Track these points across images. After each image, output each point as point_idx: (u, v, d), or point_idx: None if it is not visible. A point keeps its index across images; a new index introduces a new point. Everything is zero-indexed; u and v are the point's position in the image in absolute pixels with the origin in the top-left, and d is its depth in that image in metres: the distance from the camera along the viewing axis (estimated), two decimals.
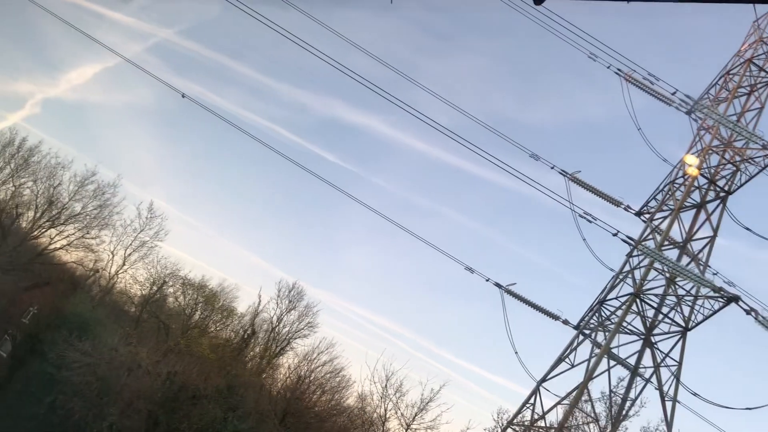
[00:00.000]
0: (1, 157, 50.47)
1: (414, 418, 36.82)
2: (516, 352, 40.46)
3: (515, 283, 41.99)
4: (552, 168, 42.53)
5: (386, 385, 37.65)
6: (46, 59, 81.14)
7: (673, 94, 42.22)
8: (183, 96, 39.58)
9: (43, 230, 50.91)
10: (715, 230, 40.42)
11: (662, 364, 38.32)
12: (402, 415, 37.12)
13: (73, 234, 51.19)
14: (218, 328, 54.85)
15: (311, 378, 43.14)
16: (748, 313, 34.75)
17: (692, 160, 41.46)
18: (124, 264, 52.80)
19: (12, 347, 42.74)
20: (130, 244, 53.02)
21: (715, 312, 37.30)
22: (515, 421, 38.68)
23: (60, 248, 51.55)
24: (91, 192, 51.61)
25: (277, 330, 54.35)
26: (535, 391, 39.20)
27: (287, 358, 53.39)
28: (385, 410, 37.63)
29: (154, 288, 52.35)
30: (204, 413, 35.44)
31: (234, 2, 30.42)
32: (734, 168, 40.69)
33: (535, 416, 38.41)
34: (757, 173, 39.00)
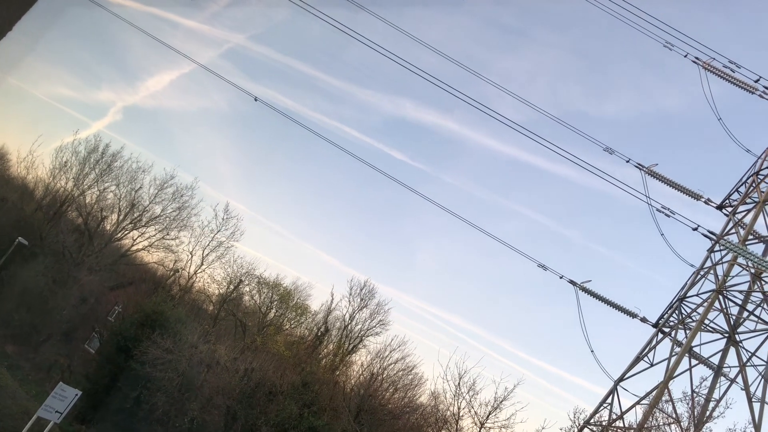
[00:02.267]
0: (86, 163, 53.07)
1: (488, 416, 36.41)
2: (592, 351, 39.67)
3: (590, 281, 41.16)
4: (627, 161, 41.43)
5: (459, 383, 37.38)
6: (126, 68, 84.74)
7: (756, 81, 40.30)
8: (255, 99, 40.69)
9: (126, 232, 53.27)
10: None
11: (748, 364, 36.67)
12: (475, 413, 36.79)
13: (154, 235, 53.36)
14: (292, 326, 55.96)
15: (384, 375, 43.40)
16: None
17: None
18: (202, 264, 54.61)
19: (100, 344, 44.93)
20: (208, 245, 54.78)
21: None
22: (592, 420, 37.84)
23: (142, 249, 53.82)
24: (170, 195, 53.67)
25: (349, 327, 55.02)
26: (613, 391, 38.27)
27: (360, 355, 54.01)
28: (459, 408, 37.39)
29: (231, 287, 53.90)
30: (280, 409, 36.19)
31: (303, 5, 30.94)
32: None
33: (613, 416, 37.48)
34: None
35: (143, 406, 35.72)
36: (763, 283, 37.66)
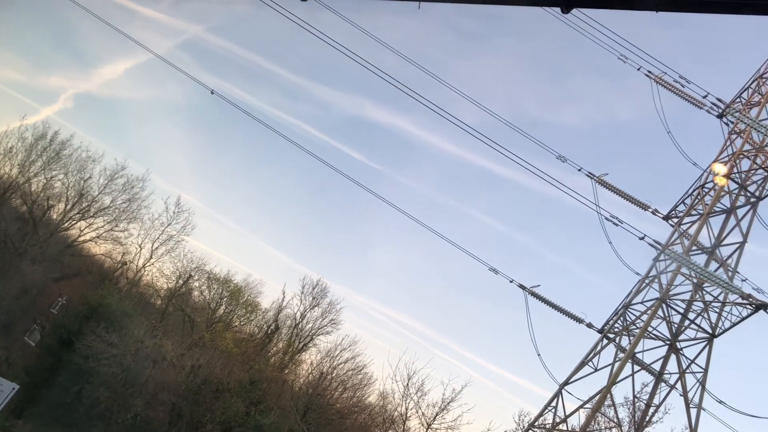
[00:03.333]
0: (33, 149, 51.41)
1: (435, 417, 36.75)
2: (539, 354, 40.30)
3: (539, 285, 41.82)
4: (579, 170, 42.27)
5: (408, 384, 37.62)
6: (79, 54, 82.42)
7: (704, 97, 41.70)
8: (212, 92, 40.12)
9: (73, 222, 51.81)
10: (745, 236, 39.78)
11: (687, 371, 37.84)
12: (423, 414, 37.08)
13: (102, 227, 52.04)
14: (242, 323, 55.39)
15: (333, 375, 43.33)
16: None
17: (721, 168, 40.88)
18: (151, 257, 53.53)
19: (41, 337, 43.61)
20: (158, 238, 53.75)
21: (743, 319, 36.76)
22: (537, 423, 38.48)
23: (89, 240, 52.44)
24: (120, 186, 52.40)
25: (300, 326, 54.72)
26: (558, 394, 38.99)
27: (310, 354, 53.77)
28: (406, 409, 37.60)
29: (180, 281, 53.02)
30: (227, 407, 35.78)
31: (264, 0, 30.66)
32: (766, 173, 40.00)
33: (557, 419, 38.20)
34: None
35: (84, 401, 34.86)
36: (704, 292, 38.90)
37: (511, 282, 41.97)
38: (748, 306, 36.10)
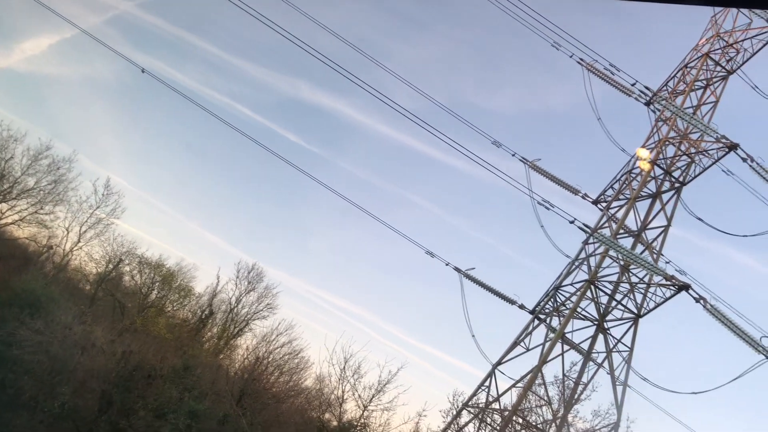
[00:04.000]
0: None
1: (371, 399, 37.02)
2: (473, 336, 41.12)
3: (474, 268, 42.60)
4: (513, 155, 43.08)
5: (344, 367, 37.73)
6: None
7: (633, 85, 43.03)
8: (143, 71, 38.85)
9: None
10: (669, 220, 41.47)
11: (614, 350, 39.32)
12: (359, 396, 37.29)
13: (26, 209, 49.78)
14: (175, 308, 54.28)
15: (269, 359, 43.01)
16: (697, 301, 35.81)
17: (645, 154, 42.39)
18: (79, 241, 51.67)
19: None
20: (86, 221, 51.89)
21: (667, 299, 38.37)
22: (470, 403, 39.30)
23: (11, 223, 50.11)
24: (45, 167, 50.13)
25: (235, 311, 54.08)
26: (491, 374, 39.90)
27: (245, 339, 53.25)
28: (343, 392, 37.75)
29: (110, 266, 51.42)
30: (159, 393, 35.06)
31: None
32: (689, 159, 41.71)
33: (490, 398, 39.12)
34: (711, 165, 40.05)
35: (8, 390, 33.47)
36: (630, 274, 40.40)
37: (447, 265, 42.62)
38: (672, 287, 37.67)
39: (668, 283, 37.54)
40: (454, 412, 38.74)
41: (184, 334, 48.58)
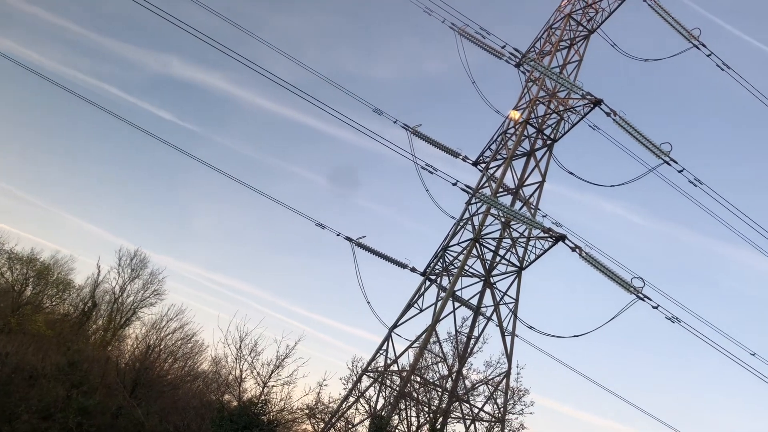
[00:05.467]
0: None
1: (270, 375, 36.78)
2: (368, 302, 41.70)
3: (365, 236, 42.99)
4: (395, 122, 43.54)
5: (240, 346, 37.17)
6: None
7: (503, 47, 44.53)
8: None
9: None
10: (543, 176, 43.59)
11: (501, 302, 41.17)
12: (258, 374, 36.95)
13: None
14: (54, 303, 51.40)
15: (162, 346, 41.73)
16: (573, 250, 37.93)
17: (517, 115, 44.25)
18: None
19: None
20: None
21: (546, 251, 40.44)
22: (370, 367, 40.00)
23: None
24: None
25: (120, 300, 51.93)
26: (388, 338, 40.71)
27: (134, 328, 51.35)
28: (241, 371, 37.26)
29: None
30: (44, 393, 33.22)
31: None
32: (558, 117, 43.84)
33: (389, 361, 39.97)
34: (578, 121, 42.22)
35: None
36: (511, 230, 42.26)
37: (338, 235, 42.77)
38: (549, 239, 39.72)
39: (546, 235, 39.53)
40: (355, 379, 39.33)
41: (67, 330, 46.18)
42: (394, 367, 39.96)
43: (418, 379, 38.76)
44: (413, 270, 43.41)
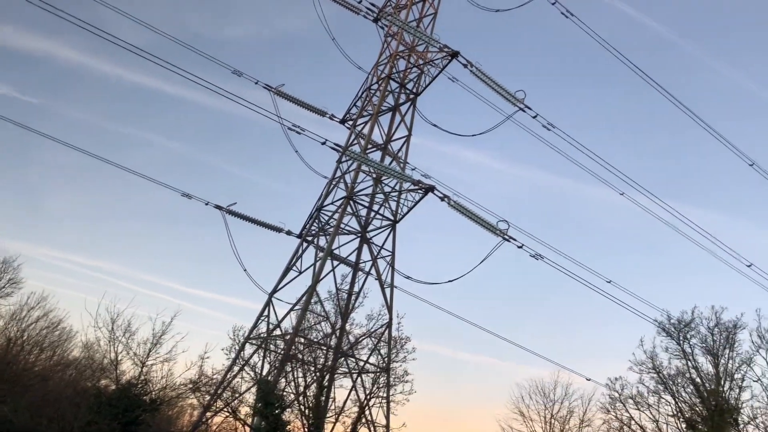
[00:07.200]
0: None
1: (148, 354, 35.51)
2: (245, 270, 40.96)
3: (235, 203, 42.01)
4: (256, 83, 42.52)
5: (113, 328, 35.54)
6: None
7: (360, 2, 44.36)
8: None
9: None
10: (410, 129, 44.43)
11: (378, 257, 41.84)
12: (135, 354, 35.54)
13: None
14: None
15: (24, 338, 38.96)
16: (442, 199, 38.98)
17: (380, 69, 44.56)
18: None
19: None
20: None
21: (417, 202, 41.39)
22: (252, 335, 39.50)
23: None
24: None
25: None
26: (268, 303, 40.29)
27: None
28: (116, 353, 35.69)
29: None
30: None
31: None
32: (419, 71, 44.58)
33: (271, 327, 39.64)
34: (438, 74, 43.11)
35: None
36: (383, 185, 42.83)
37: (207, 204, 41.50)
38: (419, 191, 40.61)
39: (416, 187, 40.37)
40: (237, 348, 38.74)
41: None
42: (278, 332, 39.72)
43: (302, 340, 38.79)
44: (289, 233, 43.08)
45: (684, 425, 43.66)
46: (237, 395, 37.10)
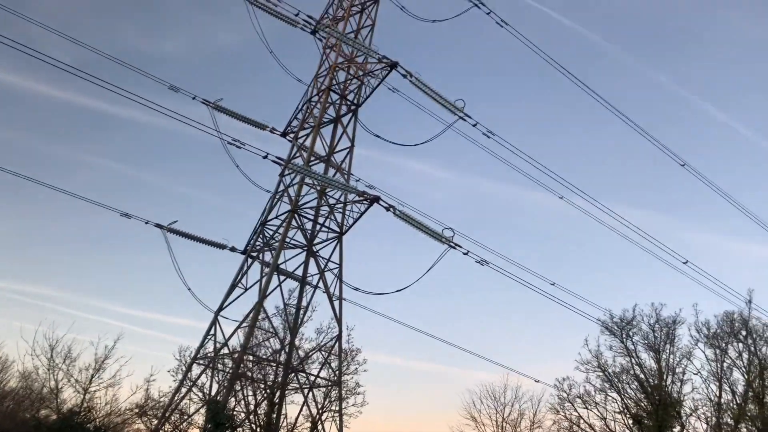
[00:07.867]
0: None
1: (91, 380, 34.40)
2: (189, 288, 40.13)
3: (176, 221, 41.17)
4: (194, 98, 41.81)
5: (52, 355, 34.31)
6: None
7: (297, 15, 44.21)
8: None
9: None
10: (352, 141, 44.36)
11: (326, 269, 41.60)
12: (77, 381, 34.38)
13: None
14: None
15: None
16: (387, 210, 39.04)
17: (320, 82, 44.50)
18: None
19: None
20: None
21: (362, 213, 41.34)
22: (199, 355, 38.71)
23: None
24: None
25: None
26: (214, 322, 39.50)
27: None
28: (56, 381, 34.48)
29: None
30: None
31: None
32: (359, 82, 44.66)
33: (218, 345, 38.90)
34: (378, 85, 43.21)
35: None
36: (328, 197, 42.66)
37: (147, 223, 40.54)
38: (364, 202, 40.61)
39: (361, 198, 40.36)
40: (184, 369, 37.89)
41: None
42: (225, 351, 39.01)
43: (251, 357, 38.23)
44: (233, 249, 42.46)
45: (630, 421, 44.89)
46: (186, 417, 36.32)
